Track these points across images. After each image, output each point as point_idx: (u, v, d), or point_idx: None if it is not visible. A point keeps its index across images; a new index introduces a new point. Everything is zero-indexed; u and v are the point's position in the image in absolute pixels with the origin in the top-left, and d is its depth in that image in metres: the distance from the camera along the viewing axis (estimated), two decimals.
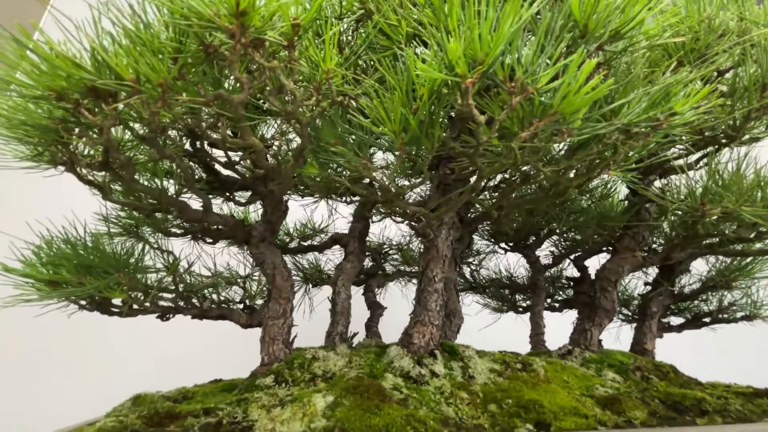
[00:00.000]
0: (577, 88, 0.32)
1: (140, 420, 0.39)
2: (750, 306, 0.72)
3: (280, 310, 0.57)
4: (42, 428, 0.59)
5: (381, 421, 0.39)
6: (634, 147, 0.43)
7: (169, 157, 0.41)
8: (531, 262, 0.86)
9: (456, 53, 0.29)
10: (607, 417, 0.46)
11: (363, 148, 0.41)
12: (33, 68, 0.33)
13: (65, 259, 0.49)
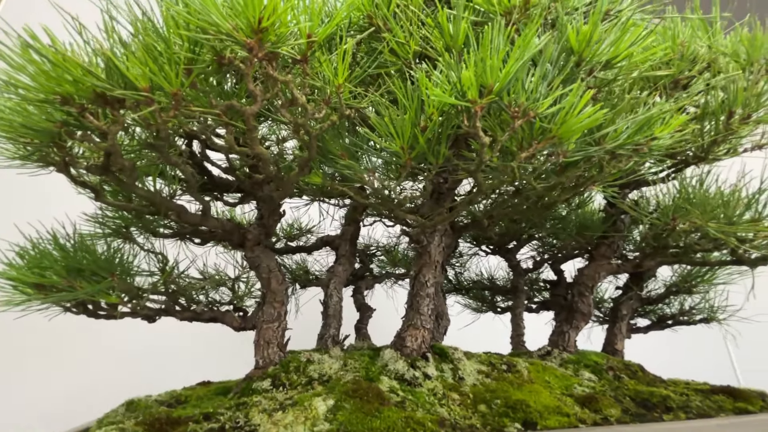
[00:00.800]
0: (576, 114, 0.34)
1: (140, 427, 0.39)
2: (707, 310, 0.79)
3: (274, 313, 0.58)
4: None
5: (382, 424, 0.41)
6: (618, 167, 0.47)
7: (174, 163, 0.41)
8: (512, 266, 0.90)
9: (469, 81, 0.31)
10: (586, 415, 0.49)
11: (369, 160, 0.42)
12: (39, 71, 0.32)
13: (54, 261, 0.47)
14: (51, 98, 0.34)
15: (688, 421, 0.50)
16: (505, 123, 0.39)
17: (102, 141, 0.38)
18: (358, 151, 0.42)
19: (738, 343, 0.82)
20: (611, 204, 0.72)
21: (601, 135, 0.38)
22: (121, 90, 0.33)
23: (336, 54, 0.36)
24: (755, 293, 0.69)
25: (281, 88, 0.37)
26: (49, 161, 0.44)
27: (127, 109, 0.36)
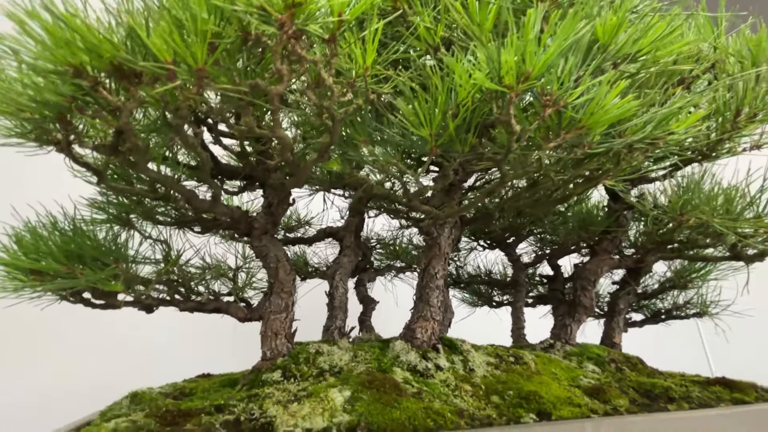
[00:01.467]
0: (608, 104, 0.34)
1: (151, 419, 0.37)
2: (700, 304, 0.81)
3: (282, 304, 0.56)
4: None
5: (402, 415, 0.40)
6: (634, 160, 0.47)
7: (190, 145, 0.39)
8: (513, 260, 0.91)
9: (508, 66, 0.31)
10: (597, 406, 0.50)
11: (392, 147, 0.41)
12: (51, 37, 0.30)
13: (53, 246, 0.45)
14: (63, 69, 0.32)
15: (692, 410, 0.51)
16: (532, 112, 0.38)
17: (114, 119, 0.36)
18: (380, 138, 0.41)
19: (727, 338, 0.84)
20: (614, 199, 0.73)
21: (626, 127, 0.38)
22: (150, 64, 0.31)
23: (365, 35, 0.35)
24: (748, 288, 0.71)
25: (308, 68, 0.36)
26: (51, 140, 0.41)
27: (144, 84, 0.34)
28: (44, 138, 0.42)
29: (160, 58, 0.30)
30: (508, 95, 0.33)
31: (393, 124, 0.41)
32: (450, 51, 0.41)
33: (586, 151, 0.40)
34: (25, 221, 0.49)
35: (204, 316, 1.22)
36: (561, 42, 0.31)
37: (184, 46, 0.30)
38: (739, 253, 0.62)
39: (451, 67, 0.36)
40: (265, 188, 0.62)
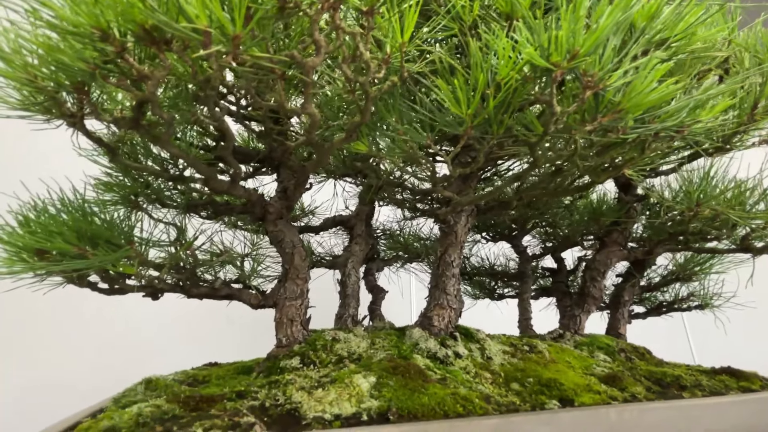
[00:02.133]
0: (650, 87, 0.34)
1: (174, 405, 0.36)
2: (703, 297, 0.83)
3: (297, 290, 0.55)
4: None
5: (431, 400, 0.39)
6: (659, 149, 0.47)
7: (218, 119, 0.37)
8: (519, 252, 0.91)
9: (559, 42, 0.30)
10: (615, 393, 0.50)
11: (425, 127, 0.40)
12: None
13: (63, 226, 0.43)
14: (88, 31, 0.30)
15: (706, 398, 0.52)
16: (568, 93, 0.38)
17: (137, 89, 0.34)
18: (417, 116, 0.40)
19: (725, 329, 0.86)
20: (625, 191, 0.74)
21: (660, 113, 0.38)
22: (186, 25, 0.29)
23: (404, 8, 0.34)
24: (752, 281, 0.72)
25: (344, 41, 0.34)
26: (63, 112, 0.39)
27: (173, 51, 0.32)
28: (55, 110, 0.39)
29: (195, 23, 0.29)
30: (554, 73, 0.32)
31: (424, 103, 0.40)
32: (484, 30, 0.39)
33: (619, 136, 0.40)
34: (29, 200, 0.47)
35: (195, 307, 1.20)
36: (611, 21, 0.30)
37: (221, 11, 0.29)
38: (749, 245, 0.63)
39: (490, 45, 0.35)
40: (279, 172, 0.60)
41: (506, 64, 0.34)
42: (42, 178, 0.53)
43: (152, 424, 0.32)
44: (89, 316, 1.12)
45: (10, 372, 1.03)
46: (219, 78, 0.32)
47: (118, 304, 1.14)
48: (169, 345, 1.20)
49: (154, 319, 1.19)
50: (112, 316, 1.14)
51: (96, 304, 1.11)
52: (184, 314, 1.24)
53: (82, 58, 0.31)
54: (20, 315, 1.07)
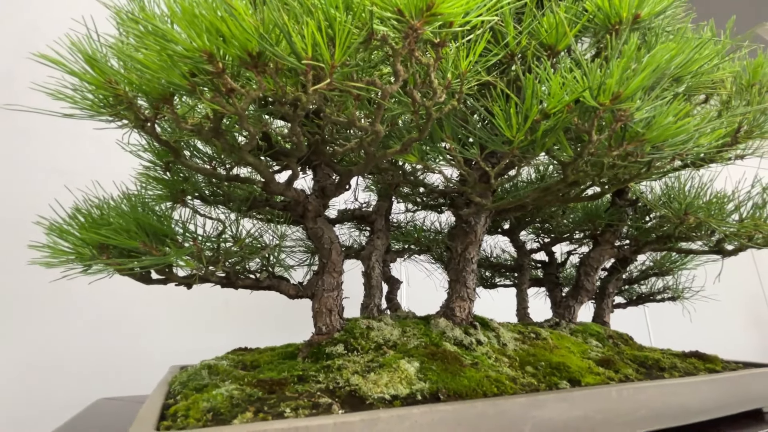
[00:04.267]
0: (673, 123, 0.40)
1: (257, 389, 0.40)
2: (675, 290, 0.94)
3: (334, 282, 0.60)
4: None
5: (470, 382, 0.46)
6: (664, 167, 0.54)
7: (296, 134, 0.40)
8: (517, 247, 0.99)
9: (609, 86, 0.35)
10: (611, 374, 0.59)
11: (475, 144, 0.45)
12: (200, 23, 0.31)
13: (132, 223, 0.45)
14: (198, 54, 0.32)
15: (683, 377, 0.61)
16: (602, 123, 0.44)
17: (229, 104, 0.37)
18: (468, 136, 0.44)
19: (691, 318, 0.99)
20: (619, 196, 0.82)
21: (676, 141, 0.45)
22: (276, 56, 0.32)
23: (470, 40, 0.38)
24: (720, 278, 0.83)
25: (417, 70, 0.38)
26: (138, 117, 0.41)
27: (267, 75, 0.35)
28: (130, 115, 0.41)
29: (300, 54, 0.32)
30: (598, 110, 0.38)
31: (474, 124, 0.45)
32: (528, 63, 0.44)
33: (638, 159, 0.46)
34: (93, 196, 0.49)
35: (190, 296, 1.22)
36: (650, 69, 0.36)
37: (323, 44, 0.32)
38: (721, 247, 0.73)
39: (542, 78, 0.40)
40: (315, 171, 0.64)
41: (556, 97, 0.39)
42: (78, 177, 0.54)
43: (244, 405, 0.37)
44: (80, 300, 1.12)
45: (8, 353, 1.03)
46: (310, 101, 0.35)
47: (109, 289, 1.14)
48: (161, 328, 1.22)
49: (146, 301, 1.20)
50: (103, 300, 1.15)
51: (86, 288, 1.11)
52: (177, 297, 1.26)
53: (185, 77, 0.34)
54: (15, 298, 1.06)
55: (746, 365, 0.73)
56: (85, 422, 0.64)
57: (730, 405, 0.61)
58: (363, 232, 0.97)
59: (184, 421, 0.33)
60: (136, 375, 1.10)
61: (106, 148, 0.96)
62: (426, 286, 1.10)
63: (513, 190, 0.64)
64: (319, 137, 0.51)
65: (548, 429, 0.45)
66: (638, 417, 0.52)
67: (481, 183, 0.64)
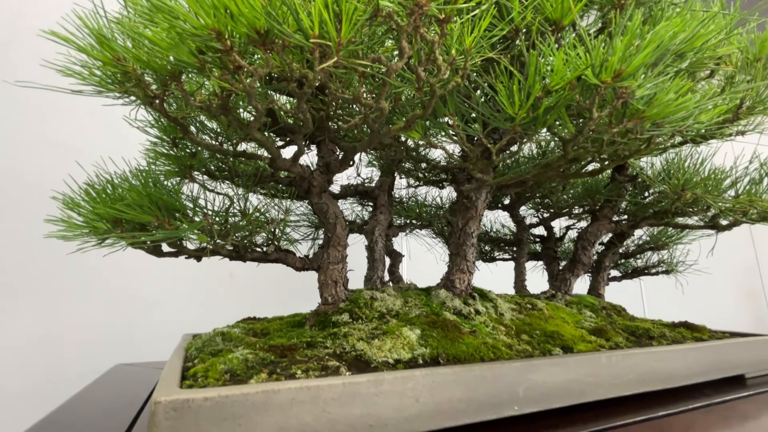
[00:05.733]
0: (674, 100, 0.41)
1: (269, 353, 0.43)
2: (669, 264, 0.97)
3: (338, 256, 0.62)
4: None
5: (469, 348, 0.49)
6: (663, 143, 0.55)
7: (302, 111, 0.41)
8: (517, 221, 1.01)
9: (611, 64, 0.36)
10: (602, 342, 0.62)
11: (478, 121, 0.46)
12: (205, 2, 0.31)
13: (145, 198, 0.47)
14: (207, 32, 0.33)
15: (669, 345, 0.64)
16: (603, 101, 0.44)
17: (237, 82, 0.37)
18: (472, 113, 0.45)
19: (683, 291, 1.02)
20: (619, 171, 0.83)
21: (676, 118, 0.46)
22: (284, 33, 0.33)
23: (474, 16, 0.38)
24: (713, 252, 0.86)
25: (422, 46, 0.39)
26: (147, 94, 0.42)
27: (274, 53, 0.36)
28: (139, 91, 0.42)
29: (307, 31, 0.33)
30: (600, 88, 0.38)
31: (477, 100, 0.45)
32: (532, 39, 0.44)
33: (637, 136, 0.47)
34: (105, 172, 0.50)
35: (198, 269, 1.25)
36: (653, 46, 0.36)
37: (330, 22, 0.33)
38: (716, 222, 0.74)
39: (545, 55, 0.40)
40: (319, 147, 0.65)
41: (559, 74, 0.40)
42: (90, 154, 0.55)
43: (258, 368, 0.39)
44: (93, 273, 1.15)
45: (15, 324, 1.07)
46: (317, 79, 0.36)
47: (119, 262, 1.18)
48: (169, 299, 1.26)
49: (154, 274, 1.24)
50: (114, 274, 1.18)
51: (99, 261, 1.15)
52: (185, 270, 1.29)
53: (194, 54, 0.35)
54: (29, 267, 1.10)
55: (732, 335, 0.77)
56: (106, 385, 0.68)
57: (713, 371, 0.64)
58: (366, 207, 0.99)
59: (204, 381, 0.36)
60: (149, 343, 1.15)
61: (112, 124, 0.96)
62: (427, 259, 1.13)
63: (514, 166, 0.65)
64: (324, 113, 0.52)
65: (541, 390, 0.48)
66: (626, 380, 0.55)
67: (482, 159, 0.65)
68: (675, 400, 0.58)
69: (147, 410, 0.52)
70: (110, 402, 0.60)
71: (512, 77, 0.42)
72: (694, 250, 0.97)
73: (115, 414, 0.50)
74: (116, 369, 0.79)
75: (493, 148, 0.49)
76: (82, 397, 0.62)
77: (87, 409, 0.53)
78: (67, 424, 0.50)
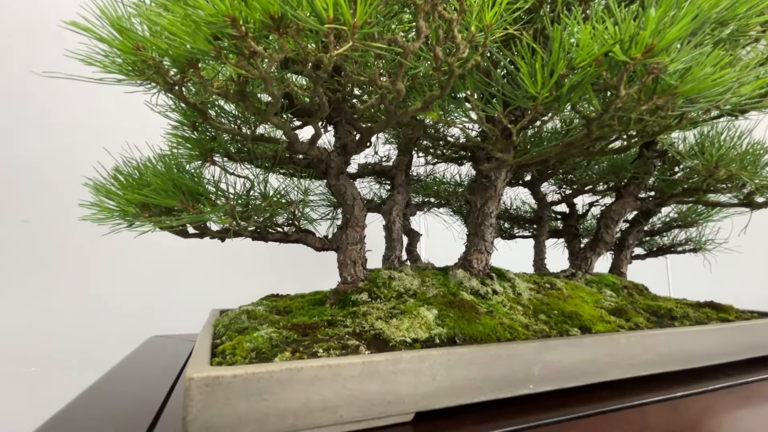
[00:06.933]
0: (710, 74, 0.38)
1: (292, 332, 0.45)
2: (697, 242, 0.93)
3: (357, 236, 0.63)
4: None
5: (485, 328, 0.50)
6: (697, 119, 0.52)
7: (319, 95, 0.41)
8: (538, 199, 0.99)
9: (642, 38, 0.34)
10: (622, 322, 0.62)
11: (498, 100, 0.44)
12: None
13: (169, 183, 0.48)
14: (221, 19, 0.33)
15: (692, 326, 0.64)
16: (631, 77, 0.42)
17: (253, 68, 0.37)
18: (493, 91, 0.44)
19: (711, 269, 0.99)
20: (647, 146, 0.79)
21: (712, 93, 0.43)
22: (298, 18, 0.32)
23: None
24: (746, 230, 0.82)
25: (440, 25, 0.37)
26: (166, 81, 0.43)
27: (289, 37, 0.35)
28: (158, 78, 0.43)
29: (321, 15, 0.32)
30: (628, 64, 0.36)
31: (498, 79, 0.44)
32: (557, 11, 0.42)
33: (668, 113, 0.45)
34: (130, 158, 0.52)
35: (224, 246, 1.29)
36: (688, 19, 0.34)
37: (344, 4, 0.32)
38: (751, 200, 0.71)
39: (571, 31, 0.38)
40: (336, 128, 0.64)
41: (585, 50, 0.37)
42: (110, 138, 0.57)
43: (282, 346, 0.42)
44: (126, 250, 1.21)
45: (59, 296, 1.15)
46: (332, 62, 0.36)
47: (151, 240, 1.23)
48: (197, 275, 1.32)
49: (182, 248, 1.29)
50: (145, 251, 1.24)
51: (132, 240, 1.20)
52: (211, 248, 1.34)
53: (209, 41, 0.35)
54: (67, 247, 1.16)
55: (761, 315, 0.75)
56: (143, 356, 0.73)
57: (737, 352, 0.63)
58: (384, 186, 0.99)
59: (232, 359, 0.38)
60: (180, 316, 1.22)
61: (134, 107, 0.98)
62: (445, 237, 1.13)
63: (537, 142, 0.63)
64: (340, 95, 0.51)
65: (557, 370, 0.49)
66: (644, 361, 0.55)
67: (502, 138, 0.63)
68: (694, 380, 0.58)
69: (181, 383, 0.56)
70: (147, 373, 0.64)
71: (535, 54, 0.40)
72: (725, 228, 0.93)
73: (152, 385, 0.54)
74: (151, 341, 0.84)
75: (513, 128, 0.47)
76: (122, 367, 0.67)
77: (126, 380, 0.57)
78: (111, 392, 0.55)
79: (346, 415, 0.37)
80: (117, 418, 0.42)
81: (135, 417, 0.41)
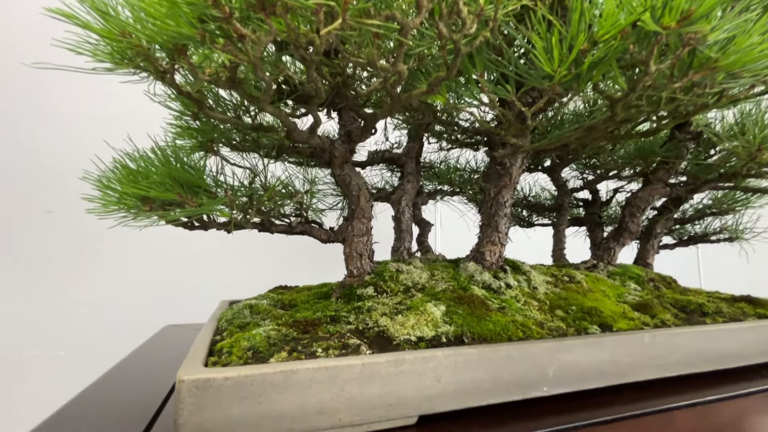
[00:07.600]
0: (758, 44, 0.33)
1: (292, 329, 0.43)
2: (733, 231, 0.87)
3: (363, 228, 0.60)
4: None
5: (496, 326, 0.47)
6: (737, 96, 0.47)
7: (314, 80, 0.38)
8: (558, 185, 0.94)
9: (677, 3, 0.29)
10: (646, 319, 0.57)
11: (511, 81, 0.40)
12: None
13: (166, 176, 0.47)
14: (202, 0, 0.30)
15: (726, 323, 0.59)
16: (664, 48, 0.37)
17: (241, 52, 0.35)
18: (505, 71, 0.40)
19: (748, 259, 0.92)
20: (679, 128, 0.73)
21: (759, 66, 0.38)
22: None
23: None
24: None
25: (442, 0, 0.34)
26: (156, 68, 0.41)
27: (278, 17, 0.32)
28: (148, 66, 0.41)
29: None
30: (660, 35, 0.32)
31: (510, 58, 0.40)
32: None
33: (705, 91, 0.40)
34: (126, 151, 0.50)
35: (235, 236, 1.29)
36: None
37: None
38: None
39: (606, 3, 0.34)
40: (341, 115, 0.61)
41: (609, 20, 0.33)
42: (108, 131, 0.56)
43: (281, 345, 0.40)
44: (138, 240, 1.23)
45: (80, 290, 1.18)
46: (324, 44, 0.33)
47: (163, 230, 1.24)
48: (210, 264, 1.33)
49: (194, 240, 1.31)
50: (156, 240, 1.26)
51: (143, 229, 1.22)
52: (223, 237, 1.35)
53: (193, 24, 0.32)
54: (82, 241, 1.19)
55: None
56: (156, 345, 0.74)
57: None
58: (395, 173, 0.96)
59: (228, 358, 0.37)
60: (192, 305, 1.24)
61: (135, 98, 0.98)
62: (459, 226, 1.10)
63: (557, 124, 0.58)
64: (341, 79, 0.48)
65: (574, 371, 0.45)
66: (671, 361, 0.51)
67: (516, 123, 0.59)
68: (726, 382, 0.53)
69: None
70: (159, 362, 0.65)
71: (551, 27, 0.36)
72: (765, 215, 0.85)
73: (155, 380, 0.54)
74: (165, 330, 0.86)
75: (528, 112, 0.43)
76: (136, 356, 0.68)
77: (132, 374, 0.58)
78: (123, 380, 0.56)
79: (345, 418, 0.36)
80: (117, 415, 0.42)
81: (135, 417, 0.41)
